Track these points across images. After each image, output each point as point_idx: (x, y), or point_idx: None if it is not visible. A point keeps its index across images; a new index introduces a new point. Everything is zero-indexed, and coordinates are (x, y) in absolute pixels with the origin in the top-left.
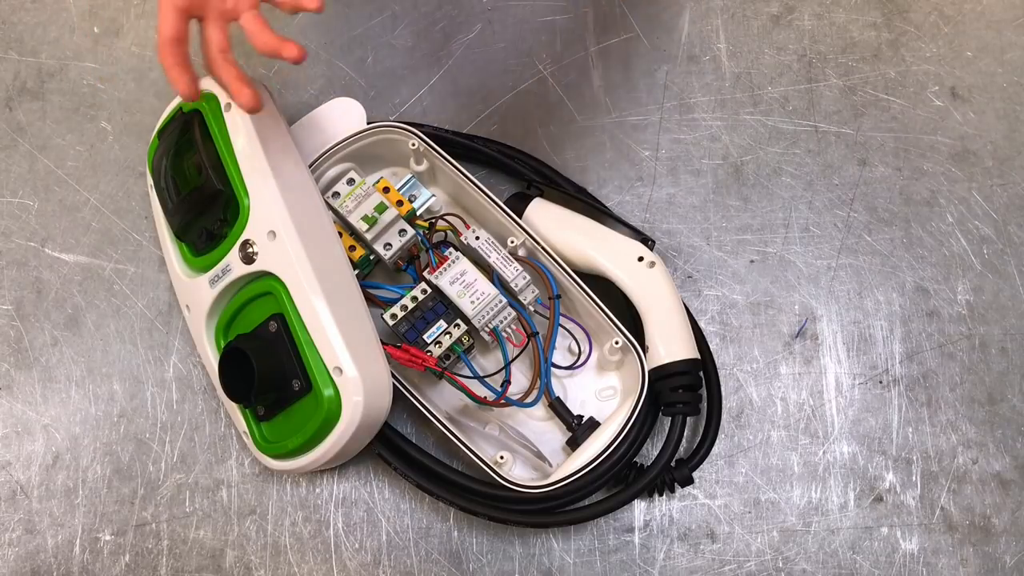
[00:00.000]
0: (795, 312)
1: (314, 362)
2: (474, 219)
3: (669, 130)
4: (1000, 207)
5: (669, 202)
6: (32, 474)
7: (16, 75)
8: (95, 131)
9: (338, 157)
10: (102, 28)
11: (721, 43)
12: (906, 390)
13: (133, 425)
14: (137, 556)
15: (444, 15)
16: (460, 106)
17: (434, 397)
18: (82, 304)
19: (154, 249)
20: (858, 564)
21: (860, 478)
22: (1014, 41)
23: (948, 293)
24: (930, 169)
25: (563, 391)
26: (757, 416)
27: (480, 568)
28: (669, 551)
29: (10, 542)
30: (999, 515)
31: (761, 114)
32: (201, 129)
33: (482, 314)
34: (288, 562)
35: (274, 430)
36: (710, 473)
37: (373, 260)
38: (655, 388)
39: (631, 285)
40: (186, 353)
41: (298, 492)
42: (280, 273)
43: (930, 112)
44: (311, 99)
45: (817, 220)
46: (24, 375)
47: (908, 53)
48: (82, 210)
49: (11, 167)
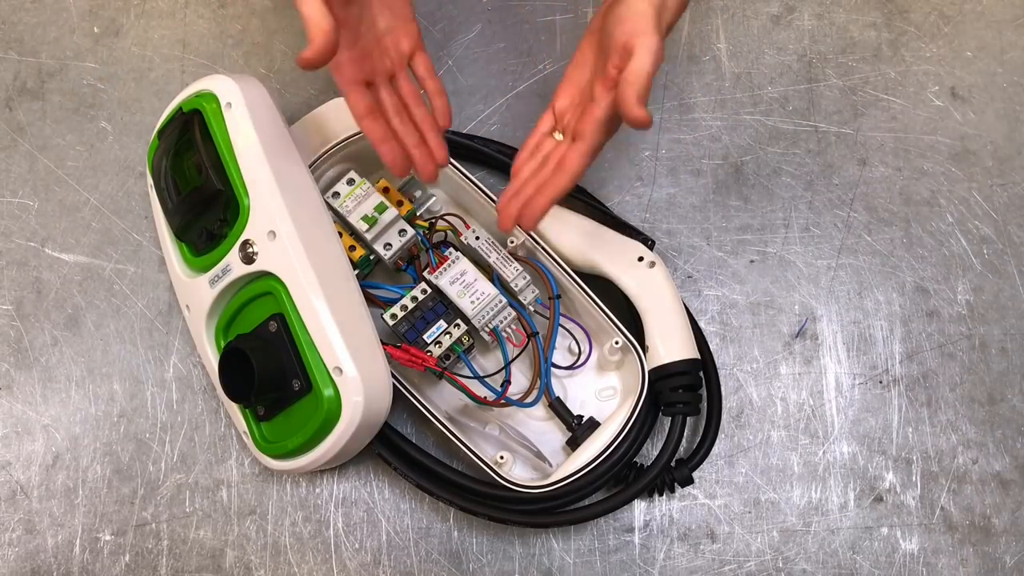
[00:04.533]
0: (795, 312)
1: (314, 362)
2: (474, 219)
3: (669, 130)
4: (1000, 207)
5: (669, 202)
6: (32, 474)
7: (16, 75)
8: (95, 131)
9: (338, 157)
10: (102, 28)
11: (721, 43)
12: (906, 390)
13: (133, 425)
14: (137, 556)
15: (444, 15)
16: (460, 106)
17: (434, 397)
18: (82, 304)
19: (154, 249)
20: (858, 564)
21: (860, 478)
22: (1014, 41)
23: (948, 293)
24: (930, 169)
25: (563, 391)
26: (757, 416)
27: (480, 568)
28: (669, 551)
29: (10, 542)
30: (999, 515)
31: (761, 114)
32: (201, 129)
33: (482, 314)
34: (288, 562)
35: (274, 430)
36: (710, 473)
37: (373, 260)
38: (655, 388)
39: (631, 285)
40: (186, 353)
41: (298, 492)
42: (280, 273)
43: (930, 112)
44: (311, 99)
45: (817, 220)
46: (24, 375)
47: (908, 53)
48: (82, 210)
49: (11, 167)
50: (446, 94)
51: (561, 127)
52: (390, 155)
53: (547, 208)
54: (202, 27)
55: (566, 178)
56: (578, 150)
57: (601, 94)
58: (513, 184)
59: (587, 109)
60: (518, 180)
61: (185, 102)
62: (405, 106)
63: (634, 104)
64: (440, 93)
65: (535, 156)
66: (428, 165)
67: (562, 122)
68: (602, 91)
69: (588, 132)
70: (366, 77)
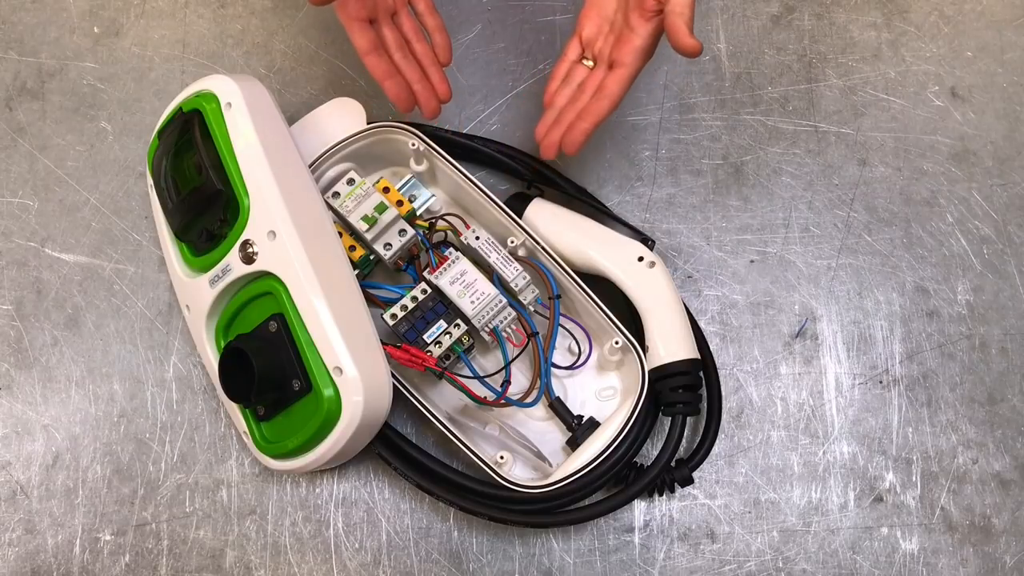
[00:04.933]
0: (795, 312)
1: (314, 362)
2: (474, 219)
3: (669, 130)
4: (1000, 207)
5: (669, 202)
6: (32, 474)
7: (16, 75)
8: (95, 131)
9: (338, 157)
10: (102, 28)
11: (721, 43)
12: (906, 390)
13: (133, 425)
14: (137, 556)
15: (444, 15)
16: (460, 106)
17: (434, 397)
18: (82, 304)
19: (154, 249)
20: (858, 564)
21: (860, 478)
22: (1014, 41)
23: (948, 293)
24: (930, 169)
25: (563, 391)
26: (757, 416)
27: (480, 568)
28: (669, 551)
29: (10, 542)
30: (999, 515)
31: (761, 114)
32: (201, 129)
33: (482, 314)
34: (288, 562)
35: (274, 430)
36: (710, 473)
37: (373, 260)
38: (655, 388)
39: (631, 285)
40: (186, 353)
41: (298, 492)
42: (280, 273)
43: (930, 112)
44: (311, 99)
45: (817, 220)
46: (24, 375)
47: (908, 53)
48: (82, 210)
49: (11, 167)
50: (446, 30)
51: (592, 54)
52: (394, 90)
53: (590, 133)
54: (202, 27)
55: (607, 103)
56: (618, 76)
57: (639, 23)
58: (549, 113)
59: (624, 38)
60: (555, 108)
61: (185, 102)
62: (407, 42)
63: (686, 34)
64: (440, 29)
65: (568, 84)
66: (431, 100)
67: (592, 49)
68: (639, 20)
69: (628, 60)
70: (369, 14)
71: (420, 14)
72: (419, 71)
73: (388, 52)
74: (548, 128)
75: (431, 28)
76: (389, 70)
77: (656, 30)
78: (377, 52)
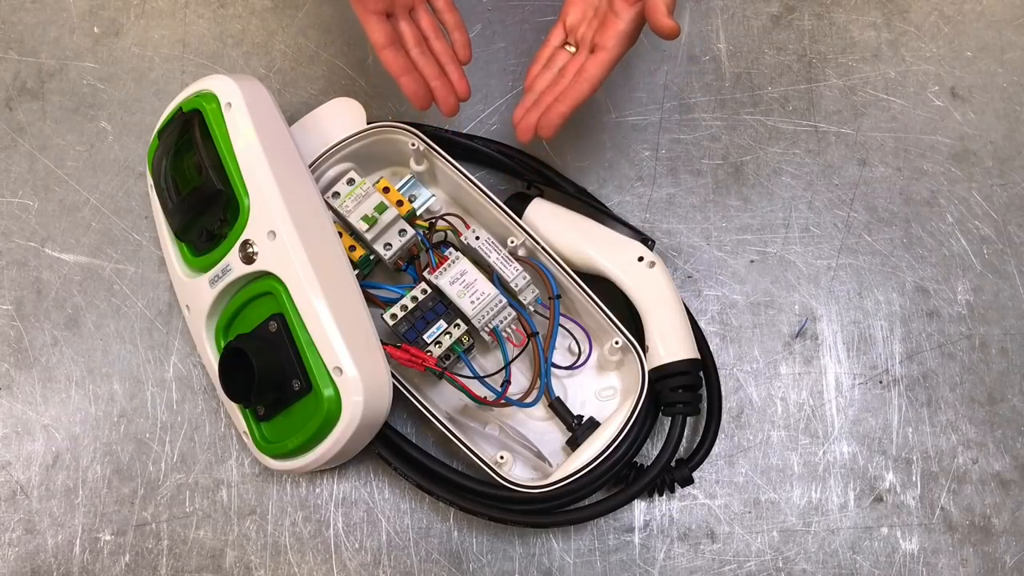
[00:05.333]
0: (795, 312)
1: (314, 362)
2: (474, 219)
3: (669, 130)
4: (1000, 207)
5: (669, 202)
6: (32, 474)
7: (16, 75)
8: (95, 131)
9: (338, 157)
10: (102, 28)
11: (721, 43)
12: (906, 390)
13: (133, 425)
14: (137, 556)
15: None
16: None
17: (434, 397)
18: (82, 304)
19: (154, 249)
20: (858, 564)
21: (860, 478)
22: (1014, 41)
23: (948, 293)
24: (930, 169)
25: (563, 391)
26: (757, 416)
27: (480, 568)
28: (669, 551)
29: (10, 542)
30: (999, 515)
31: (761, 114)
32: (201, 129)
33: (482, 314)
34: (288, 562)
35: (274, 430)
36: (710, 473)
37: (373, 260)
38: (655, 388)
39: (631, 285)
40: (186, 353)
41: (298, 492)
42: (280, 273)
43: (930, 112)
44: (311, 99)
45: (817, 220)
46: (24, 375)
47: (908, 53)
48: (82, 210)
49: (11, 167)
50: (465, 27)
51: (574, 39)
52: (411, 87)
53: (567, 116)
54: (202, 27)
55: (586, 86)
56: (599, 60)
57: (623, 7)
58: (528, 96)
59: (607, 22)
60: (533, 92)
61: (185, 102)
62: (425, 39)
63: (664, 14)
64: (459, 27)
65: (550, 68)
66: (449, 98)
67: (575, 35)
68: (623, 5)
69: (610, 44)
70: (386, 8)
71: (439, 11)
72: (437, 68)
73: (405, 47)
74: (525, 111)
75: (450, 25)
76: (406, 66)
77: (640, 15)
78: (394, 47)
